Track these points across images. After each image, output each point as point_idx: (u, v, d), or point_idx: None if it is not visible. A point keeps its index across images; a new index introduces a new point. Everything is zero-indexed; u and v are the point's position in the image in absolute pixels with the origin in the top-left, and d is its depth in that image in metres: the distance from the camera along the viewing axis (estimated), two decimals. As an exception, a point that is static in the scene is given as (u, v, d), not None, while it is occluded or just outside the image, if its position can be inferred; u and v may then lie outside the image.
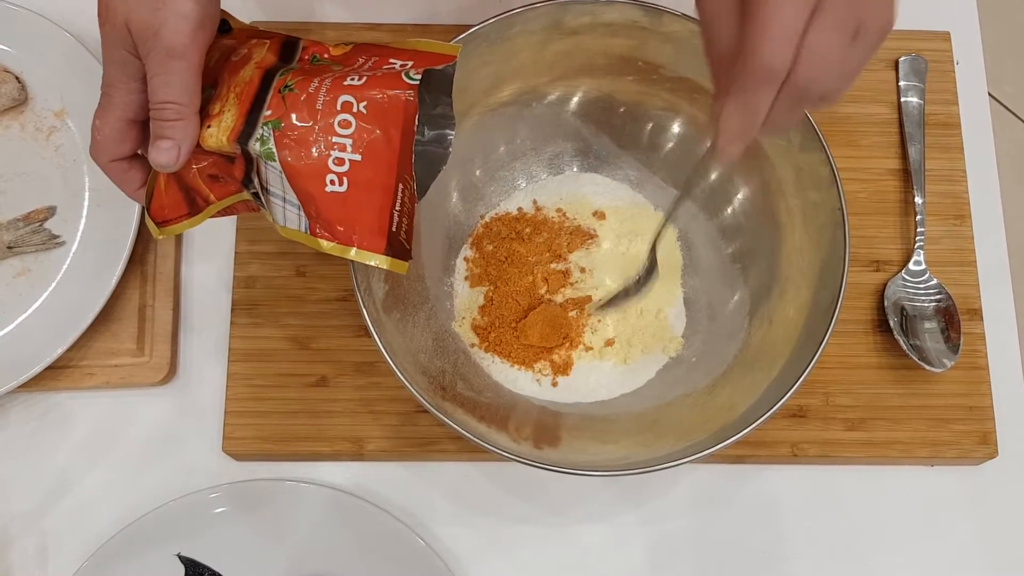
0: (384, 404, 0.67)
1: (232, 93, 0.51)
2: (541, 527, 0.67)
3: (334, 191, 0.49)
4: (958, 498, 0.68)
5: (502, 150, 0.70)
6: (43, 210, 0.70)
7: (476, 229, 0.70)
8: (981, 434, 0.68)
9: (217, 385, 0.68)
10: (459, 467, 0.68)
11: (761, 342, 0.64)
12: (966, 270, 0.72)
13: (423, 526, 0.66)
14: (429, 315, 0.66)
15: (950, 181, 0.74)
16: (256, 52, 0.52)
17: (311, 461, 0.68)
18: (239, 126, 0.49)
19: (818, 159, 0.61)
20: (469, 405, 0.61)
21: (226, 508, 0.65)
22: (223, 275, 0.70)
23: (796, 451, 0.67)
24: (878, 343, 0.70)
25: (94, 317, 0.66)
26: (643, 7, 0.62)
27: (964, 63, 0.77)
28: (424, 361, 0.62)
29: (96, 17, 0.53)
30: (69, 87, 0.72)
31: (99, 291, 0.67)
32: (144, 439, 0.68)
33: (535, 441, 0.60)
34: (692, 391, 0.65)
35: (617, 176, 0.71)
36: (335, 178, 0.49)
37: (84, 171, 0.71)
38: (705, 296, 0.69)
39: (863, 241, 0.72)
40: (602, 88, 0.68)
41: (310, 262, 0.70)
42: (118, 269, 0.67)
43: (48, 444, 0.68)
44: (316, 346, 0.68)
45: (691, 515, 0.68)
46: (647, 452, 0.59)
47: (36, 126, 0.72)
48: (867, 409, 0.68)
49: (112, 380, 0.68)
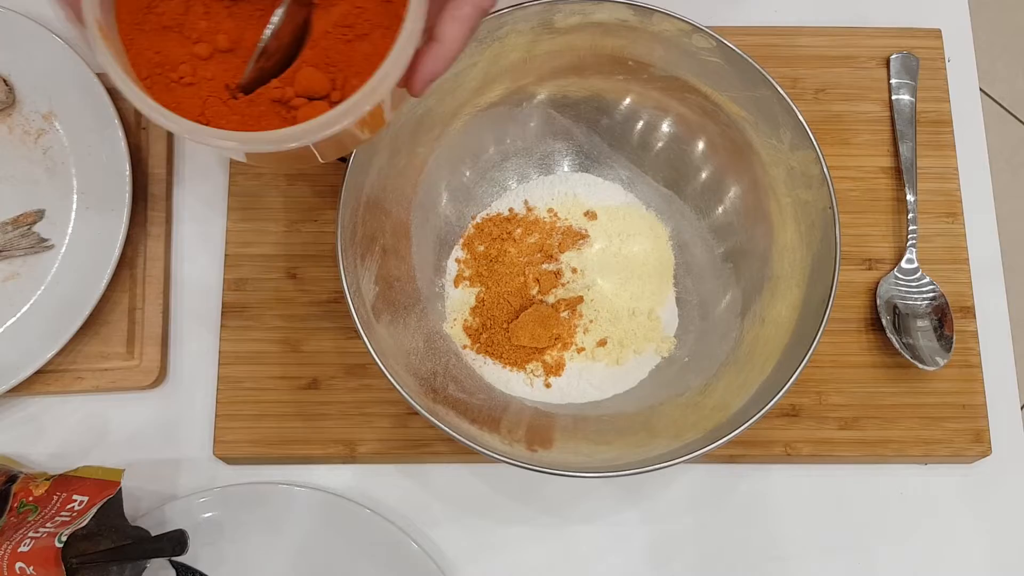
0: (376, 406, 0.67)
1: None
2: (535, 528, 0.67)
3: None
4: (952, 496, 0.68)
5: (492, 151, 0.70)
6: (31, 213, 0.70)
7: (467, 230, 0.70)
8: (974, 432, 0.68)
9: (208, 388, 0.68)
10: (452, 469, 0.68)
11: (753, 341, 0.64)
12: (958, 268, 0.71)
13: (416, 528, 0.66)
14: (420, 317, 0.66)
15: (942, 179, 0.73)
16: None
17: (303, 464, 0.67)
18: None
19: (809, 158, 0.61)
20: (461, 407, 0.61)
21: (218, 512, 0.65)
22: (213, 277, 0.70)
23: (789, 450, 0.67)
24: (871, 341, 0.70)
25: (83, 320, 0.66)
26: (633, 6, 0.62)
27: (955, 60, 0.77)
28: (415, 363, 0.62)
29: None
30: (57, 90, 0.71)
31: (88, 294, 0.66)
32: (134, 443, 0.68)
33: (528, 443, 0.60)
34: (685, 391, 0.64)
35: (608, 176, 0.71)
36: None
37: (72, 174, 0.70)
38: (697, 296, 0.68)
39: (855, 239, 0.71)
40: (592, 88, 0.68)
41: (301, 264, 0.70)
42: (107, 272, 0.67)
43: (38, 449, 0.67)
44: (307, 348, 0.68)
45: (686, 515, 0.67)
46: (640, 453, 0.59)
47: (24, 129, 0.71)
48: (860, 408, 0.68)
49: (102, 384, 0.67)
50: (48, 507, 0.60)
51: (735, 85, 0.63)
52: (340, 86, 0.46)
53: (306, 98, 0.46)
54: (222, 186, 0.71)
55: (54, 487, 0.61)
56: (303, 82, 0.46)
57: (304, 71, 0.46)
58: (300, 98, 0.46)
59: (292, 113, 0.46)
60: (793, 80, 0.75)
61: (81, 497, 0.60)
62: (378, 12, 0.47)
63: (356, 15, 0.47)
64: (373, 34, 0.47)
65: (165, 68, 0.47)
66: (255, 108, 0.46)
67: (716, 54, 0.62)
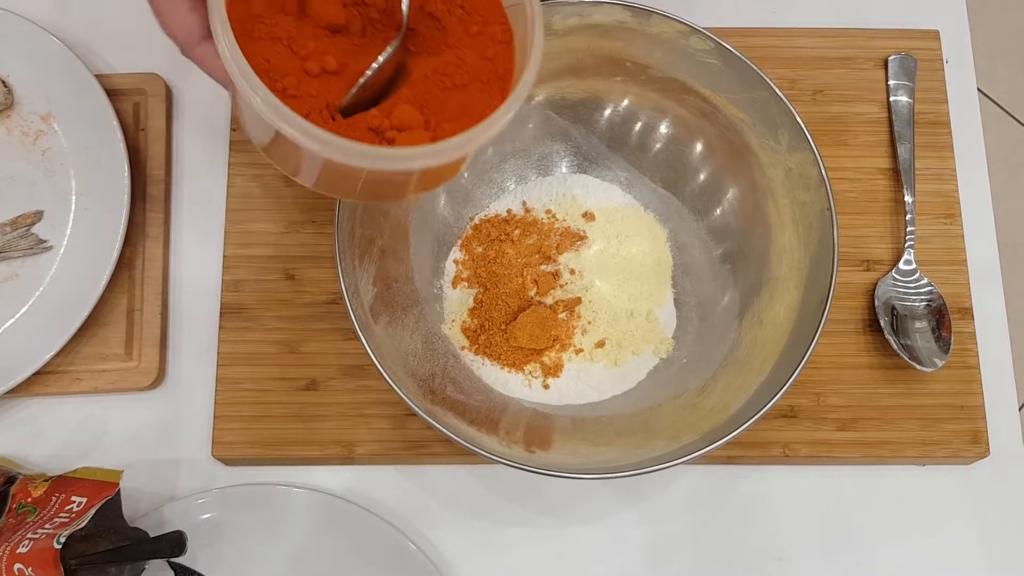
0: (374, 407, 0.67)
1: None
2: (533, 529, 0.67)
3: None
4: (950, 497, 0.68)
5: (490, 152, 0.70)
6: (30, 215, 0.70)
7: (465, 231, 0.70)
8: (972, 433, 0.68)
9: (206, 389, 0.68)
10: (451, 470, 0.68)
11: (752, 342, 0.64)
12: (956, 269, 0.72)
13: (414, 529, 0.66)
14: (418, 318, 0.66)
15: (940, 180, 0.73)
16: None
17: (302, 465, 0.67)
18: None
19: (807, 159, 0.61)
20: (459, 408, 0.61)
21: (216, 513, 0.65)
22: (212, 279, 0.70)
23: (788, 451, 0.67)
24: (869, 343, 0.70)
25: (82, 322, 0.66)
26: (631, 8, 0.62)
27: (954, 62, 0.77)
28: (414, 364, 0.62)
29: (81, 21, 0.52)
30: (56, 91, 0.71)
31: (87, 296, 0.66)
32: (133, 444, 0.68)
33: (526, 444, 0.60)
34: (683, 392, 0.64)
35: (607, 177, 0.71)
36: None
37: (71, 175, 0.70)
38: (695, 297, 0.69)
39: (853, 240, 0.72)
40: (590, 89, 0.68)
41: (299, 265, 0.70)
42: (106, 273, 0.67)
43: (36, 450, 0.67)
44: (306, 350, 0.68)
45: (685, 516, 0.67)
46: (639, 454, 0.59)
47: (23, 130, 0.71)
48: (858, 409, 0.68)
49: (100, 385, 0.67)
50: (47, 508, 0.60)
51: (733, 86, 0.63)
52: (432, 127, 0.49)
53: (399, 132, 0.48)
54: (221, 187, 0.71)
55: (53, 488, 0.61)
56: (400, 116, 0.48)
57: (402, 107, 0.48)
58: (394, 130, 0.48)
59: (387, 143, 0.48)
60: (791, 81, 0.75)
61: (80, 498, 0.60)
62: (478, 67, 0.50)
63: (456, 66, 0.50)
64: (471, 86, 0.50)
65: (272, 76, 0.48)
66: (352, 132, 0.48)
67: (714, 55, 0.62)
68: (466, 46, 0.51)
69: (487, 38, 0.51)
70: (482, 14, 0.51)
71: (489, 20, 0.51)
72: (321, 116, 0.48)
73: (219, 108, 0.73)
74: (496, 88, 0.50)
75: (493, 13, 0.51)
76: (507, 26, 0.51)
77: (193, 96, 0.75)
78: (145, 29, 0.74)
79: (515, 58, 0.50)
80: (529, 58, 0.48)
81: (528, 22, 0.49)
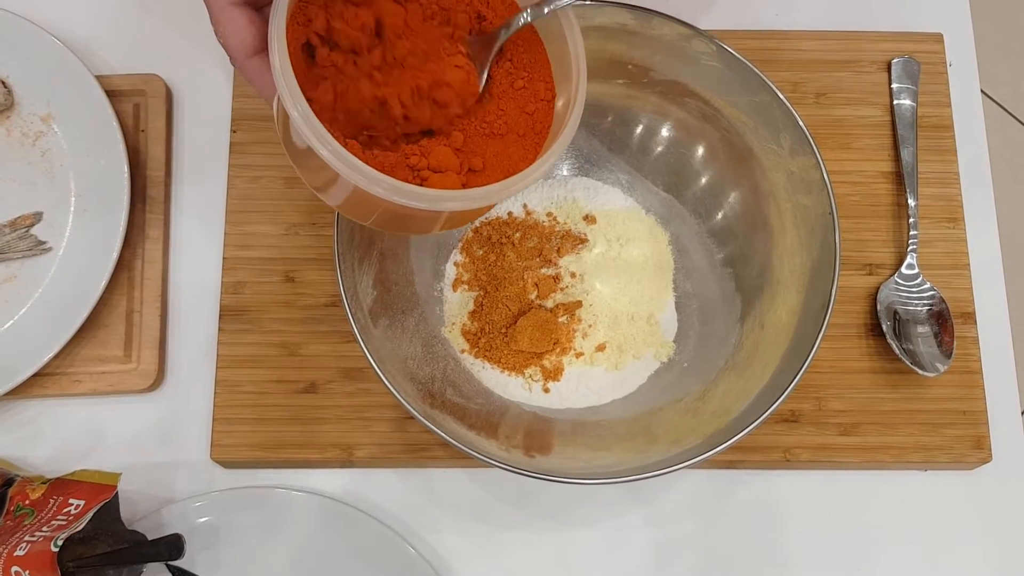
0: (374, 410, 0.67)
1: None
2: (533, 533, 0.67)
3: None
4: (952, 503, 0.68)
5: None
6: (29, 216, 0.70)
7: (466, 234, 0.69)
8: (975, 438, 0.68)
9: (205, 392, 0.68)
10: (450, 473, 0.67)
11: (753, 346, 0.63)
12: (959, 273, 0.71)
13: (413, 533, 0.66)
14: (419, 321, 0.65)
15: (943, 184, 0.73)
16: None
17: (300, 468, 0.67)
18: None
19: (809, 163, 0.60)
20: (459, 412, 0.61)
21: (214, 516, 0.64)
22: (211, 280, 0.70)
23: (789, 456, 0.67)
24: (871, 347, 0.69)
25: (81, 323, 0.66)
26: (633, 10, 0.62)
27: (957, 64, 0.77)
28: (413, 368, 0.62)
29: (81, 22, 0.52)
30: (56, 92, 0.71)
31: (86, 297, 0.66)
32: (131, 446, 0.67)
33: (526, 448, 0.60)
34: (684, 396, 0.64)
35: (608, 180, 0.71)
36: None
37: (70, 176, 0.70)
38: (696, 300, 0.68)
39: (855, 244, 0.71)
40: (592, 92, 0.66)
41: (299, 267, 0.69)
42: (105, 275, 0.66)
43: (35, 452, 0.67)
44: (305, 352, 0.68)
45: (686, 520, 0.67)
46: (639, 459, 0.59)
47: (22, 131, 0.71)
48: (860, 414, 0.68)
49: (99, 387, 0.67)
50: (45, 511, 0.60)
51: (735, 90, 0.63)
52: (465, 172, 0.51)
53: (434, 172, 0.50)
54: (220, 189, 0.71)
55: (51, 491, 0.61)
56: (439, 158, 0.50)
57: (441, 150, 0.50)
58: (429, 170, 0.50)
59: (421, 181, 0.49)
60: (794, 84, 0.74)
61: (78, 501, 0.60)
62: (518, 120, 0.52)
63: (497, 116, 0.52)
64: (508, 137, 0.52)
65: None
66: (389, 163, 0.49)
67: (716, 58, 0.62)
68: (509, 98, 0.52)
69: (530, 94, 0.53)
70: (529, 71, 0.53)
71: (535, 77, 0.53)
72: (359, 144, 0.49)
73: (219, 110, 0.73)
74: (531, 142, 0.52)
75: (539, 72, 0.53)
76: (551, 85, 0.53)
77: (193, 97, 0.74)
78: (146, 30, 0.76)
79: (554, 118, 0.52)
80: (566, 123, 0.50)
81: (572, 90, 0.51)
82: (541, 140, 0.52)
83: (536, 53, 0.53)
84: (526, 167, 0.49)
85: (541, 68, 0.53)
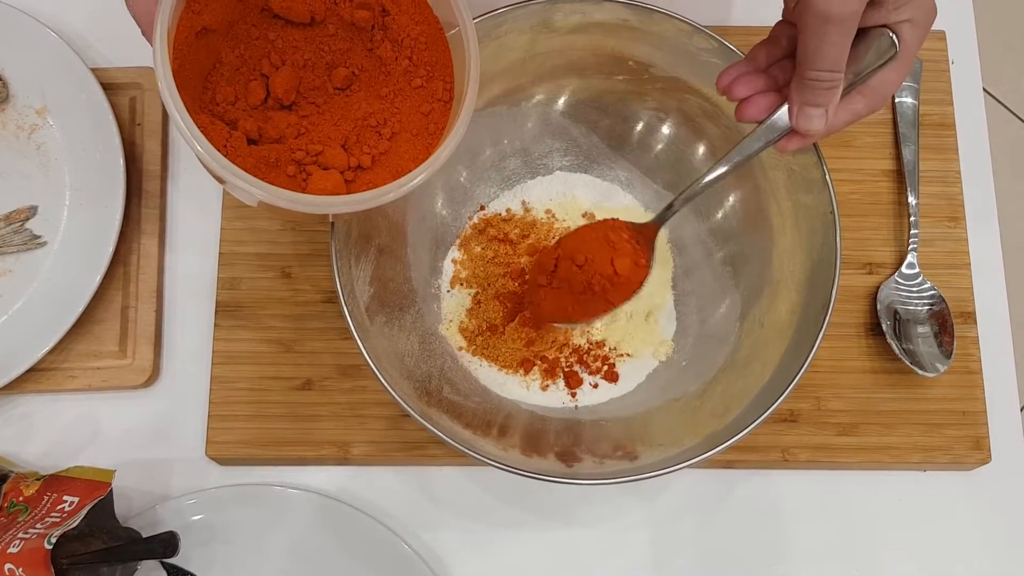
0: (370, 408, 0.66)
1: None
2: (529, 531, 0.66)
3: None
4: (951, 504, 0.68)
5: (489, 151, 0.69)
6: (24, 210, 0.69)
7: (464, 230, 0.69)
8: (974, 439, 0.67)
9: (201, 388, 0.67)
10: (447, 471, 0.67)
11: (752, 346, 0.63)
12: (960, 272, 0.71)
13: (409, 531, 0.65)
14: (416, 318, 0.65)
15: (944, 182, 0.73)
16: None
17: (296, 465, 0.67)
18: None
19: (810, 161, 0.60)
20: (455, 410, 0.60)
21: (209, 513, 0.64)
22: (207, 276, 0.69)
23: (787, 456, 0.67)
24: (870, 347, 0.69)
25: (76, 318, 0.65)
26: (633, 7, 0.61)
27: (959, 62, 0.76)
28: (410, 365, 0.61)
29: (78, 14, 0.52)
30: (51, 85, 0.70)
31: (81, 292, 0.66)
32: (126, 443, 0.67)
33: (523, 447, 0.59)
34: (682, 395, 0.64)
35: (607, 177, 0.70)
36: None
37: (65, 170, 0.70)
38: (696, 299, 0.68)
39: (856, 243, 0.71)
40: (592, 88, 0.67)
41: (295, 263, 0.69)
42: (100, 269, 0.66)
43: (29, 448, 0.67)
44: (301, 349, 0.67)
45: (684, 519, 0.67)
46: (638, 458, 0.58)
47: (18, 124, 0.71)
48: (859, 414, 0.68)
49: (94, 383, 0.67)
50: (38, 507, 0.60)
51: (736, 87, 0.62)
52: (354, 166, 0.51)
53: (320, 167, 0.50)
54: (217, 183, 0.70)
55: (45, 487, 0.61)
56: (327, 157, 0.50)
57: (333, 149, 0.50)
58: (315, 165, 0.50)
59: (304, 176, 0.50)
60: (795, 81, 0.74)
61: (72, 498, 0.60)
62: (412, 120, 0.52)
63: (392, 114, 0.52)
64: (400, 136, 0.52)
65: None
66: (274, 158, 0.50)
67: (717, 55, 0.62)
68: (405, 96, 0.52)
69: (427, 93, 0.52)
70: (428, 68, 0.52)
71: (434, 76, 0.52)
72: (242, 140, 0.49)
73: (216, 103, 0.73)
74: (422, 144, 0.51)
75: (439, 70, 0.52)
76: (450, 85, 0.52)
77: (190, 91, 0.74)
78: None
79: (449, 119, 0.51)
80: (452, 128, 0.49)
81: (462, 93, 0.50)
82: (435, 141, 0.51)
83: (438, 52, 0.52)
84: (416, 167, 0.49)
85: (442, 67, 0.52)
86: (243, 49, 0.51)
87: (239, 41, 0.51)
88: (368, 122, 0.52)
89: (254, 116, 0.51)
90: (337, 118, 0.52)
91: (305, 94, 0.52)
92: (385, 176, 0.50)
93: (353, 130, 0.52)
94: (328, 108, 0.52)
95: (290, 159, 0.50)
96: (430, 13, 0.52)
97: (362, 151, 0.51)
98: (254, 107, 0.51)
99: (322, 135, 0.51)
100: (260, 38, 0.51)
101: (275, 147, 0.50)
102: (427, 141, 0.51)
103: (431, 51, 0.52)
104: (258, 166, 0.49)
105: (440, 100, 0.52)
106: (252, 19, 0.51)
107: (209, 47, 0.50)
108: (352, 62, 0.53)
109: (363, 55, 0.53)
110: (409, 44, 0.52)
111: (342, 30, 0.52)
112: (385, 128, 0.52)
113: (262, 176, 0.47)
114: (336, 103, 0.52)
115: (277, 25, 0.52)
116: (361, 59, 0.53)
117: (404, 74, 0.52)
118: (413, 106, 0.52)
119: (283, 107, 0.52)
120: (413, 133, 0.52)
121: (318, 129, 0.51)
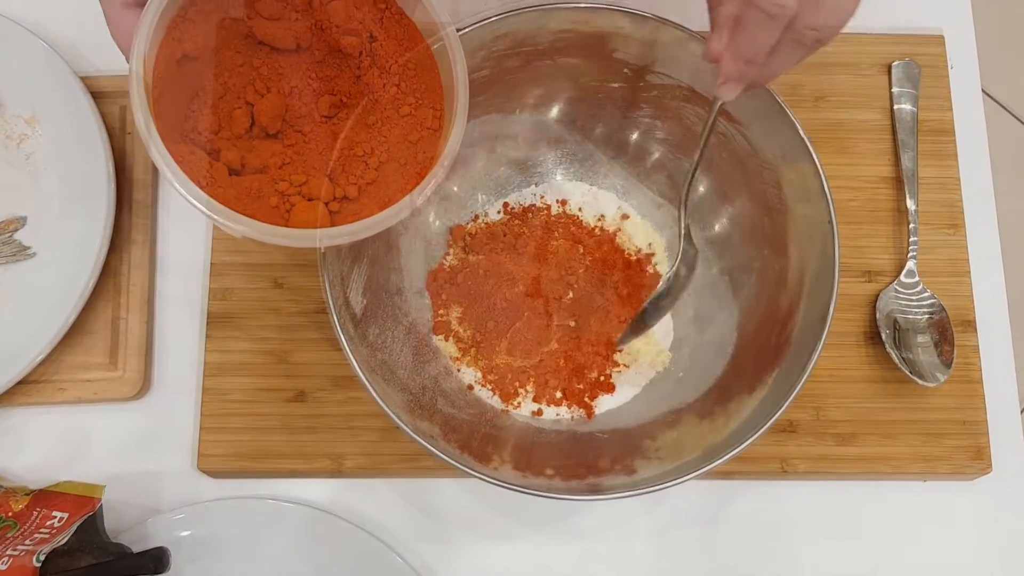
0: (363, 420, 0.66)
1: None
2: (523, 544, 0.66)
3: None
4: (951, 514, 0.67)
5: (484, 159, 0.68)
6: (13, 220, 0.68)
7: (457, 240, 0.68)
8: (975, 449, 0.67)
9: (192, 400, 0.67)
10: (440, 483, 0.66)
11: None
12: (960, 280, 0.70)
13: (404, 544, 0.65)
14: (409, 329, 0.64)
15: (944, 189, 0.72)
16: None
17: (289, 478, 0.66)
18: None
19: (808, 171, 0.59)
20: (450, 423, 0.59)
21: (201, 527, 0.63)
22: (198, 287, 0.69)
23: (786, 467, 0.66)
24: (870, 356, 0.68)
25: (65, 330, 0.65)
26: (629, 15, 0.60)
27: (958, 66, 0.75)
28: (403, 377, 0.61)
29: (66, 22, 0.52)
30: (40, 94, 0.69)
31: (70, 303, 0.65)
32: (116, 456, 0.66)
33: (516, 462, 0.59)
34: (680, 406, 0.63)
35: (603, 185, 0.70)
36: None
37: (55, 179, 0.69)
38: (693, 309, 0.67)
39: (855, 251, 0.70)
40: (587, 95, 0.66)
41: (288, 273, 0.68)
42: (90, 281, 0.65)
43: (18, 462, 0.66)
44: (294, 360, 0.67)
45: (681, 531, 0.66)
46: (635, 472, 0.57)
47: (6, 133, 0.70)
48: (858, 423, 0.67)
49: (84, 395, 0.66)
50: (27, 523, 0.59)
51: (732, 94, 0.62)
52: (340, 197, 0.50)
53: (304, 198, 0.50)
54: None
55: (34, 503, 0.60)
56: (311, 188, 0.50)
57: (318, 179, 0.50)
58: (299, 196, 0.49)
59: (287, 207, 0.49)
60: (792, 87, 0.73)
61: (61, 513, 0.59)
62: (400, 149, 0.51)
63: (379, 142, 0.51)
64: (388, 165, 0.51)
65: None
66: (257, 188, 0.49)
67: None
68: (393, 124, 0.51)
69: (416, 121, 0.51)
70: (416, 96, 0.51)
71: (423, 103, 0.51)
72: (223, 171, 0.49)
73: (207, 111, 0.72)
74: (412, 171, 0.50)
75: (428, 97, 0.51)
76: (439, 112, 0.51)
77: (181, 99, 0.73)
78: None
79: (439, 146, 0.50)
80: (439, 159, 0.49)
81: (449, 124, 0.50)
82: (424, 170, 0.50)
83: (428, 78, 0.52)
84: (403, 197, 0.48)
85: (431, 94, 0.51)
86: (227, 76, 0.50)
87: (223, 68, 0.50)
88: (355, 151, 0.51)
89: (237, 145, 0.50)
90: (323, 147, 0.51)
91: (291, 122, 0.51)
92: (371, 207, 0.49)
93: (339, 159, 0.51)
94: (314, 136, 0.52)
95: (273, 190, 0.49)
96: (419, 39, 0.51)
97: (348, 181, 0.50)
98: (238, 136, 0.50)
99: (307, 164, 0.50)
100: (245, 65, 0.51)
101: (258, 177, 0.49)
102: (416, 170, 0.50)
103: (420, 78, 0.51)
104: (239, 198, 0.48)
105: (429, 128, 0.51)
106: (236, 45, 0.50)
107: (192, 74, 0.49)
108: (339, 89, 0.52)
109: (350, 82, 0.52)
110: (397, 71, 0.51)
111: (329, 56, 0.52)
112: (372, 158, 0.51)
113: (243, 208, 0.47)
114: (322, 131, 0.52)
115: (262, 52, 0.51)
116: (348, 86, 0.52)
117: (392, 102, 0.52)
118: (401, 135, 0.51)
119: (268, 135, 0.51)
120: (401, 162, 0.51)
121: (303, 158, 0.51)
